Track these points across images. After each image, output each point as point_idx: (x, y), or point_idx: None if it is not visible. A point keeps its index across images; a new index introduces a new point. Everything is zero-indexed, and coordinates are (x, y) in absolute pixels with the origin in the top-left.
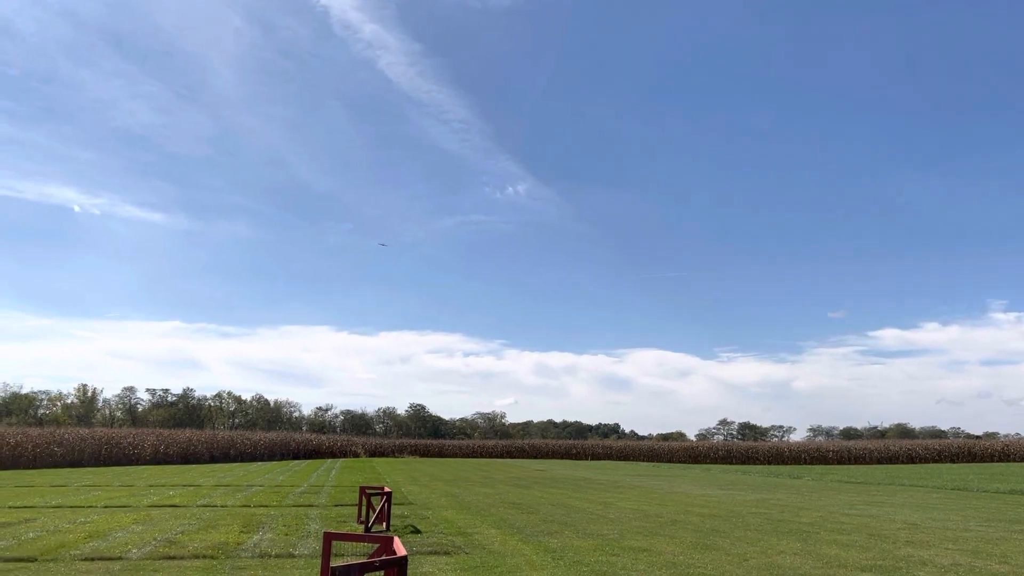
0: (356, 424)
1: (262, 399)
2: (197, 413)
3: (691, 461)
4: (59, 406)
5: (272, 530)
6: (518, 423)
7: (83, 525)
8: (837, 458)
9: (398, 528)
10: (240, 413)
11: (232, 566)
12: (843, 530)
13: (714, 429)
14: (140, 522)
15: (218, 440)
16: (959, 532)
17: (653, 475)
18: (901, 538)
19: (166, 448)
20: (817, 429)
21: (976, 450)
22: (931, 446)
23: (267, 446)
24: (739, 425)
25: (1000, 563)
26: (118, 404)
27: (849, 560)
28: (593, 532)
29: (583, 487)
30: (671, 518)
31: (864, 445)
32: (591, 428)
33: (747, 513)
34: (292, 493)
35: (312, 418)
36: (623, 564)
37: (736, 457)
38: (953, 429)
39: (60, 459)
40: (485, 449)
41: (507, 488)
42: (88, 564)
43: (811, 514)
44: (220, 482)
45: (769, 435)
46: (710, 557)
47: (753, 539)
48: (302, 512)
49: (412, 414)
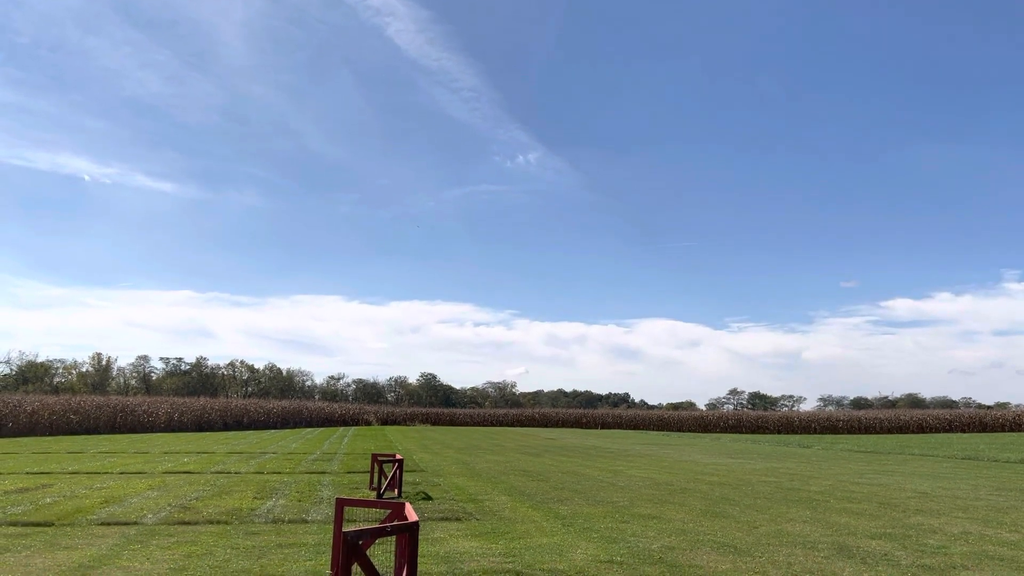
0: (368, 393)
1: (275, 368)
2: (210, 382)
3: (701, 430)
4: (74, 374)
5: (285, 496)
6: (528, 392)
7: (99, 491)
8: (847, 427)
9: (409, 495)
10: (253, 382)
11: (246, 531)
12: (853, 499)
13: (724, 399)
14: (155, 488)
15: (231, 408)
16: (969, 501)
17: (663, 444)
18: (911, 507)
19: (180, 416)
20: (827, 399)
21: (987, 420)
22: (942, 416)
23: (280, 414)
24: (749, 395)
25: (1011, 531)
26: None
27: (859, 528)
28: (603, 499)
29: (593, 455)
30: (681, 486)
31: (874, 415)
32: (601, 398)
33: (757, 482)
34: (305, 460)
35: (324, 387)
36: (633, 531)
37: (746, 426)
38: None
39: (76, 426)
40: (496, 418)
41: (518, 456)
42: (104, 528)
43: (821, 483)
44: (233, 449)
45: (779, 405)
46: (720, 525)
47: (763, 507)
48: (315, 479)
49: (423, 383)
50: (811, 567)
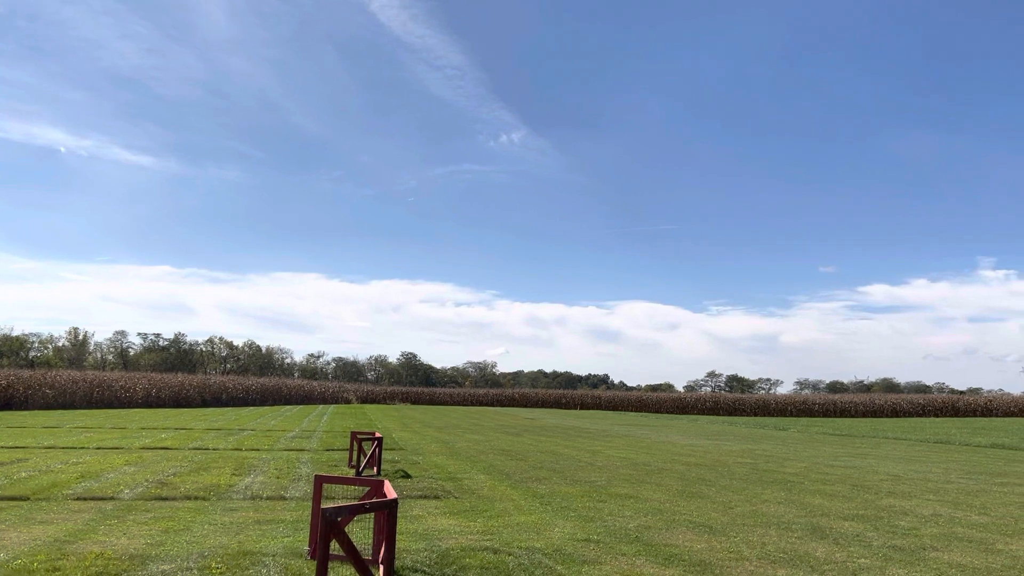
0: (348, 371)
1: (254, 345)
2: (189, 358)
3: (679, 412)
4: (50, 349)
5: (264, 473)
6: (509, 373)
7: (75, 466)
8: (823, 411)
9: (389, 473)
10: (232, 359)
11: (224, 507)
12: (827, 480)
13: (702, 381)
14: (132, 463)
15: (210, 385)
16: (940, 484)
17: (641, 425)
18: (883, 489)
19: (158, 392)
20: (804, 382)
21: (960, 405)
22: (915, 400)
23: (259, 391)
24: (727, 377)
25: (980, 514)
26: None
27: (832, 510)
28: (581, 479)
29: (572, 436)
30: (658, 466)
31: (850, 398)
32: (581, 378)
33: (733, 463)
34: (283, 437)
35: (304, 364)
36: (610, 510)
37: (723, 408)
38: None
39: (52, 401)
40: (476, 398)
41: (497, 436)
42: (80, 503)
43: (796, 465)
44: (212, 426)
45: (756, 387)
46: (696, 505)
47: (738, 488)
48: (293, 456)
49: (404, 362)
50: (785, 547)
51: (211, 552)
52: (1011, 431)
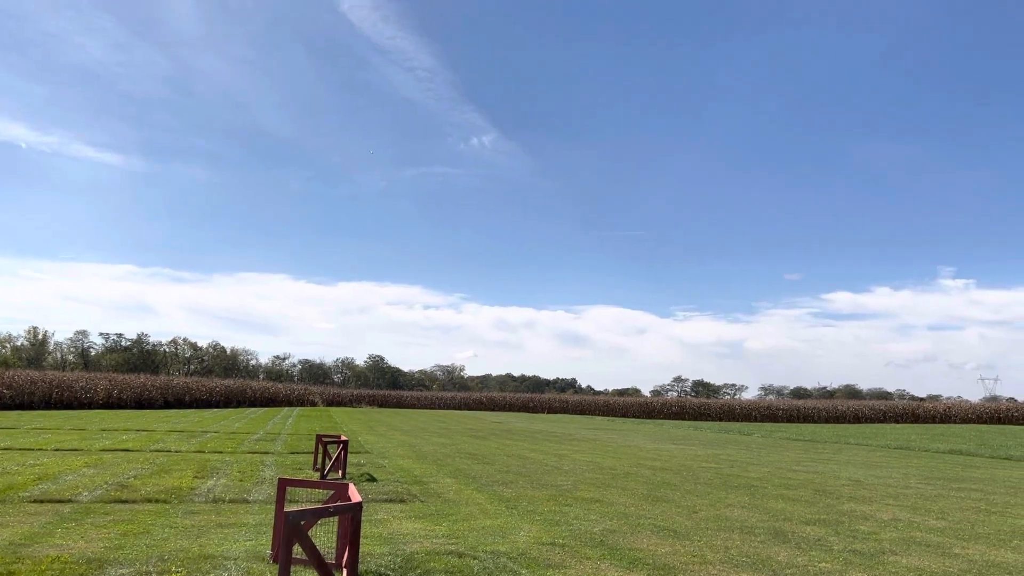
0: (314, 374)
1: (218, 346)
2: (152, 359)
3: (645, 416)
4: (8, 348)
5: (226, 476)
6: (477, 376)
7: (32, 467)
8: (787, 416)
9: (354, 476)
10: (196, 360)
11: (185, 511)
12: (790, 485)
13: (668, 386)
14: (91, 465)
15: (173, 386)
16: (900, 489)
17: (608, 429)
18: (845, 494)
19: (119, 393)
20: (768, 388)
21: (920, 412)
22: (877, 407)
23: (223, 393)
24: (693, 382)
25: (937, 519)
26: (70, 348)
27: (795, 514)
28: (547, 483)
29: (539, 439)
30: (624, 471)
31: (813, 404)
32: (549, 382)
33: (698, 467)
34: (247, 440)
35: (269, 367)
36: (575, 514)
37: (689, 413)
38: (899, 391)
39: (9, 402)
40: (443, 401)
41: (464, 439)
42: (37, 506)
43: (760, 469)
44: (174, 428)
45: (722, 393)
46: (661, 509)
47: (703, 492)
48: (257, 459)
49: (371, 365)
50: (748, 551)
51: (171, 556)
52: (968, 438)
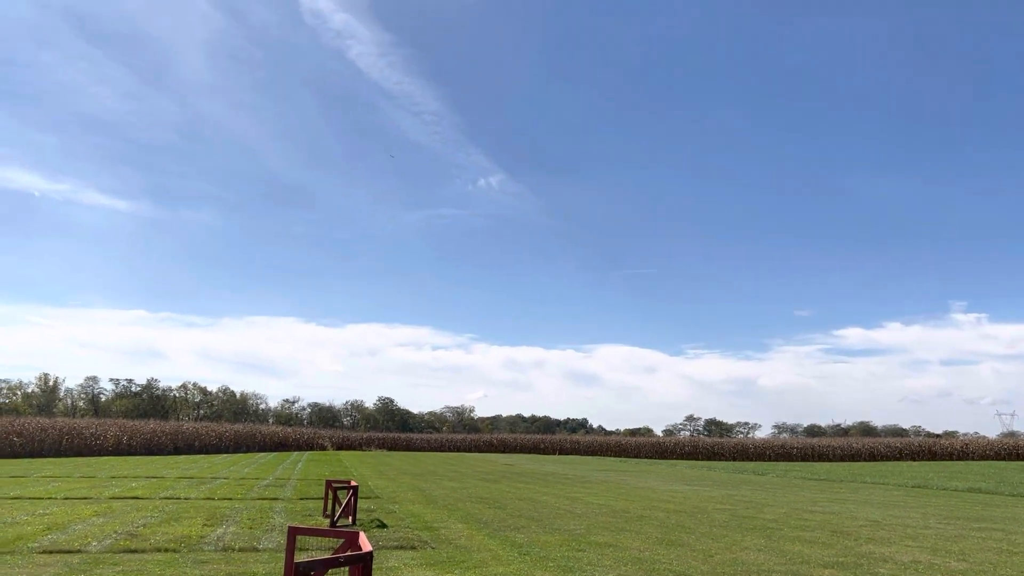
0: (323, 417)
1: (228, 390)
2: (161, 404)
3: (658, 456)
4: (19, 395)
5: (236, 523)
6: (487, 417)
7: (42, 517)
8: (801, 455)
9: (364, 522)
10: (205, 404)
11: (194, 560)
12: (806, 527)
13: (681, 425)
14: (101, 514)
15: (183, 431)
16: (919, 529)
17: (620, 470)
18: (863, 535)
19: (129, 439)
20: (782, 426)
21: (936, 448)
22: (893, 444)
23: (232, 438)
24: (705, 421)
25: (958, 560)
26: (80, 394)
27: (812, 557)
28: (560, 527)
29: (550, 482)
30: (637, 513)
31: (827, 443)
32: (559, 423)
33: (712, 509)
34: (257, 486)
35: (279, 410)
36: (589, 559)
37: (702, 453)
38: (914, 427)
39: (20, 449)
40: (453, 443)
41: (475, 482)
42: (46, 557)
43: (775, 511)
44: (184, 474)
45: (735, 432)
46: (675, 553)
47: (718, 535)
48: (267, 505)
49: (380, 407)
50: None
51: None
52: (988, 475)
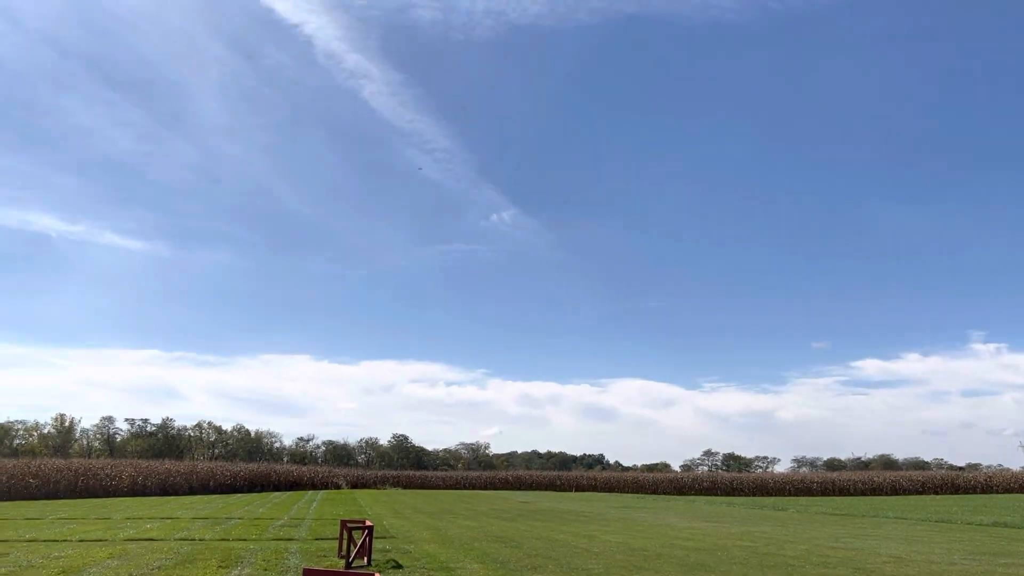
0: (338, 455)
1: (243, 429)
2: (176, 443)
3: (676, 492)
4: (35, 436)
5: (251, 565)
6: (502, 454)
7: (56, 560)
8: (821, 489)
9: (379, 563)
10: (220, 443)
11: None
12: (828, 563)
13: (698, 460)
14: (115, 556)
15: (197, 471)
16: (944, 566)
17: (638, 507)
18: (887, 572)
19: (144, 480)
20: (801, 460)
21: (959, 481)
22: (915, 477)
23: (247, 477)
24: (723, 456)
25: None
26: (96, 434)
27: None
28: (577, 566)
29: (567, 519)
30: (656, 551)
31: (848, 476)
32: (575, 459)
33: (732, 546)
34: (272, 526)
35: (293, 449)
36: None
37: (721, 488)
38: (936, 460)
39: (35, 491)
40: (468, 480)
41: (491, 521)
42: None
43: (796, 547)
44: (199, 515)
45: (753, 466)
46: None
47: (738, 573)
48: (282, 546)
49: (395, 445)
50: None
51: None
52: (1013, 509)
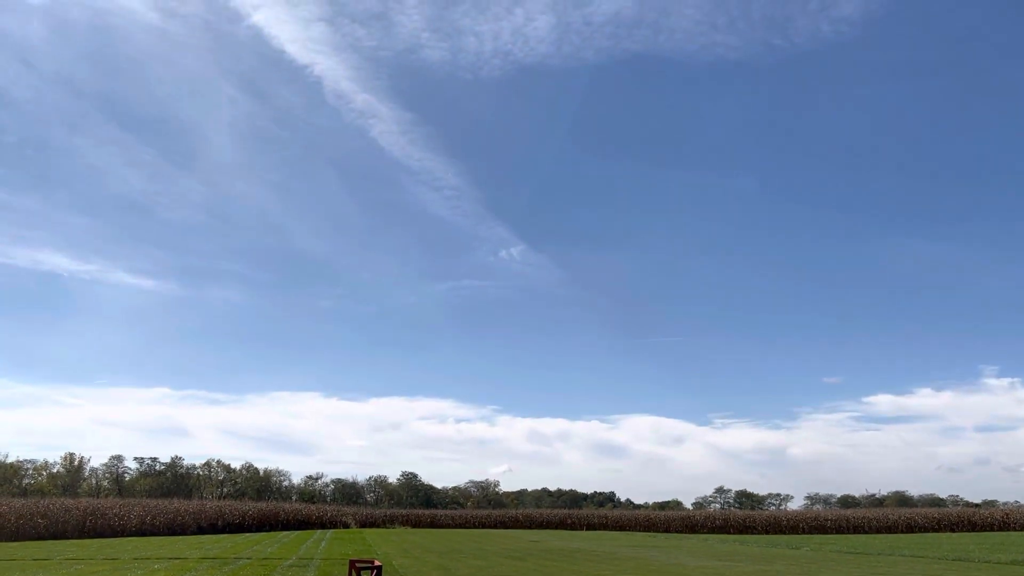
0: (347, 493)
1: (251, 468)
2: (185, 482)
3: (688, 531)
4: (45, 475)
5: None
6: (512, 491)
7: None
8: (835, 527)
9: None
10: (229, 482)
11: None
12: None
13: (711, 497)
14: None
15: (206, 510)
16: None
17: (650, 546)
18: None
19: (152, 519)
20: (815, 497)
21: (976, 519)
22: (930, 515)
23: (256, 516)
24: (736, 493)
25: None
26: (105, 473)
27: None
28: None
29: (578, 559)
30: None
31: (863, 514)
32: (586, 497)
33: None
34: (281, 566)
35: (302, 487)
36: None
37: (733, 526)
38: (952, 496)
39: (44, 531)
40: (478, 519)
41: (500, 560)
42: None
43: None
44: (207, 555)
45: (766, 503)
46: None
47: None
48: None
49: (404, 483)
50: None
51: None
52: None
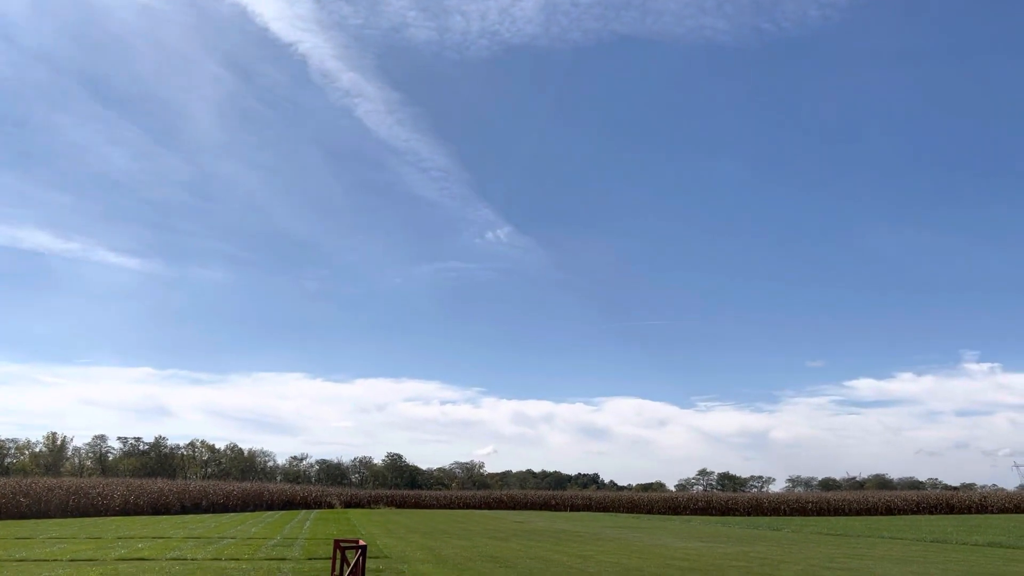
0: (331, 474)
1: (236, 448)
2: (169, 462)
3: (671, 512)
4: (27, 455)
5: None
6: (496, 473)
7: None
8: (816, 509)
9: None
10: (213, 462)
11: None
12: None
13: (694, 479)
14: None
15: (190, 490)
16: None
17: (633, 527)
18: None
19: (136, 498)
20: (796, 479)
21: (954, 501)
22: (909, 497)
23: (240, 496)
24: (718, 475)
25: None
26: (88, 453)
27: None
28: None
29: (562, 539)
30: (652, 572)
31: (843, 496)
32: (570, 478)
33: (727, 566)
34: (265, 546)
35: (287, 468)
36: None
37: (716, 508)
38: (931, 480)
39: (26, 510)
40: (463, 500)
41: (485, 541)
42: None
43: (792, 568)
44: (191, 534)
45: (748, 486)
46: None
47: None
48: (274, 566)
49: (389, 464)
50: None
51: None
52: (1007, 529)
